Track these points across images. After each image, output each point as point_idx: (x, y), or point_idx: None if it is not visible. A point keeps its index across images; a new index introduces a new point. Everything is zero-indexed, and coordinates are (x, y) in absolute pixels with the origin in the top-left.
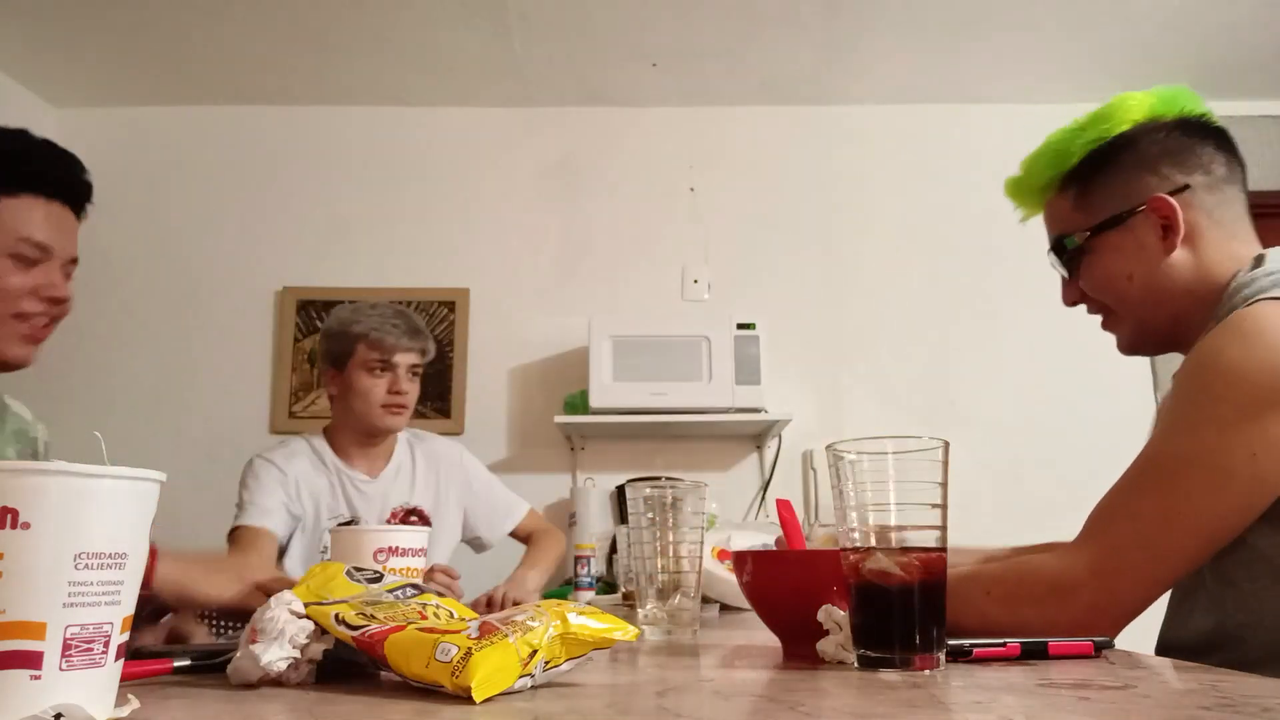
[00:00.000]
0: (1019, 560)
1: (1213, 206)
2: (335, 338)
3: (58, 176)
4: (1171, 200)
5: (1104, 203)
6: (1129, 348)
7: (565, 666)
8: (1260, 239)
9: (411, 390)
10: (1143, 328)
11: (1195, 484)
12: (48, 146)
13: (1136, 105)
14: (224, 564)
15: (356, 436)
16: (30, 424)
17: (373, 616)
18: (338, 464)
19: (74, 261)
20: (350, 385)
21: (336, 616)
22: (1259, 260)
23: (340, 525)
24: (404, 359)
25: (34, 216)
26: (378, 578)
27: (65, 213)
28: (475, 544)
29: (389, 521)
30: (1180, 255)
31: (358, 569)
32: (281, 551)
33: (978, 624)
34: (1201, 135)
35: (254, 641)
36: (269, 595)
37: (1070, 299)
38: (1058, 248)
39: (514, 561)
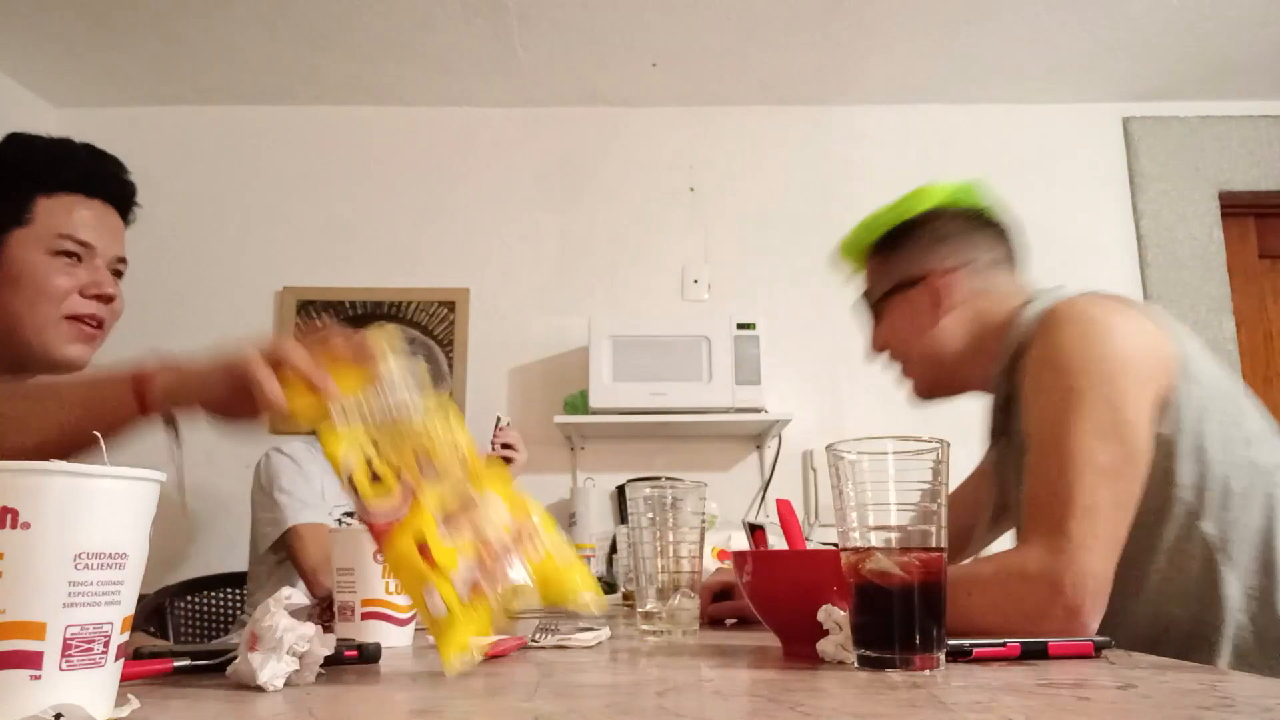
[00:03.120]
0: (991, 563)
1: (985, 283)
2: None
3: (97, 176)
4: (943, 278)
5: (895, 271)
6: (920, 396)
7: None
8: (1261, 238)
9: None
10: (926, 381)
11: (1085, 445)
12: (87, 149)
13: (936, 192)
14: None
15: None
16: None
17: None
18: None
19: (122, 261)
20: None
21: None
22: (1028, 300)
23: (345, 514)
24: None
25: (74, 214)
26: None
27: (108, 212)
28: None
29: None
30: (950, 323)
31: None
32: None
33: (964, 629)
34: (982, 225)
35: (253, 649)
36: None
37: (874, 348)
38: (864, 304)
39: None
